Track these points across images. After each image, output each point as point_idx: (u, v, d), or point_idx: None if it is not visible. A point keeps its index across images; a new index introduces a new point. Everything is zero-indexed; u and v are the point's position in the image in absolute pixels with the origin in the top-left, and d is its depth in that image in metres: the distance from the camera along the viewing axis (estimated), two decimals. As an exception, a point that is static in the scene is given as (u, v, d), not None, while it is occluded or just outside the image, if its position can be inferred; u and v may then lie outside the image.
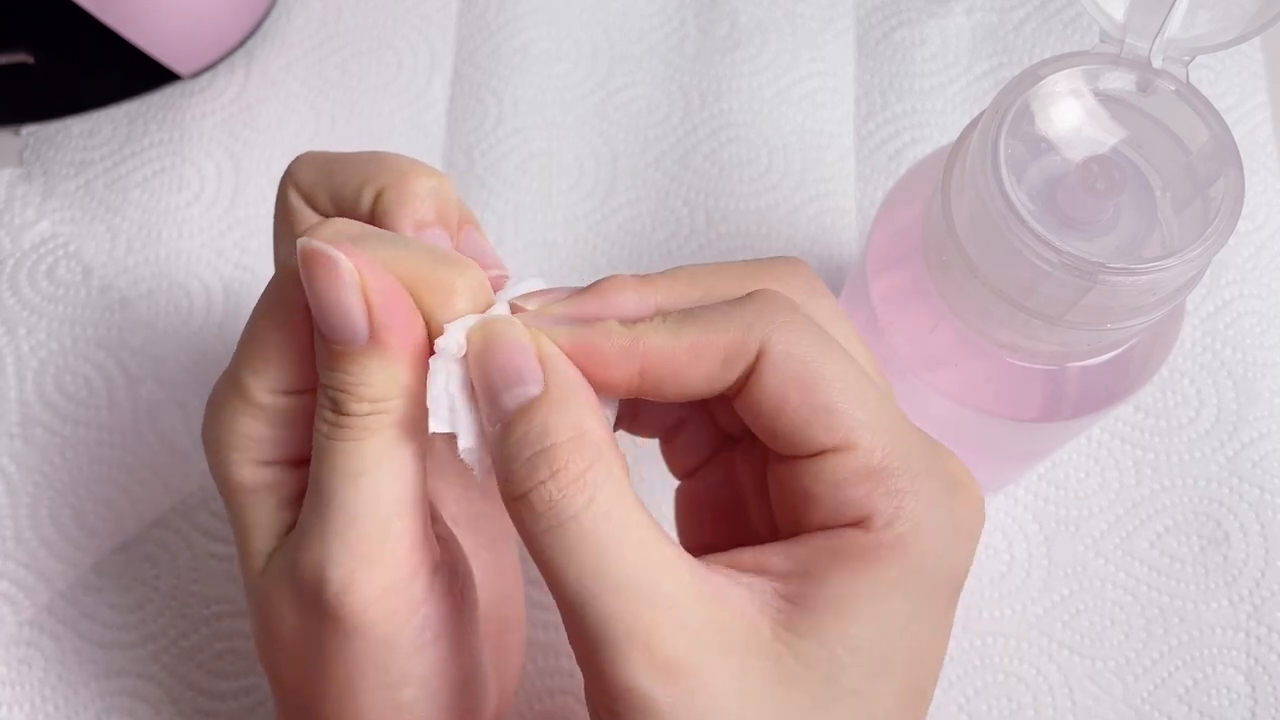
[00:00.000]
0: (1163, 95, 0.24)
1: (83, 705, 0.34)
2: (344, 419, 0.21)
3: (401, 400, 0.22)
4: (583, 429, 0.20)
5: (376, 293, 0.21)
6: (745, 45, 0.42)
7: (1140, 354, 0.27)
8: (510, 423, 0.21)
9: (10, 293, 0.39)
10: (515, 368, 0.21)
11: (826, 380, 0.21)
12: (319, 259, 0.21)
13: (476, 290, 0.22)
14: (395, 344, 0.21)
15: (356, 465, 0.21)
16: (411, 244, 0.22)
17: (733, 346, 0.21)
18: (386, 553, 0.22)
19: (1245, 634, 0.34)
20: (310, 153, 0.26)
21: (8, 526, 0.36)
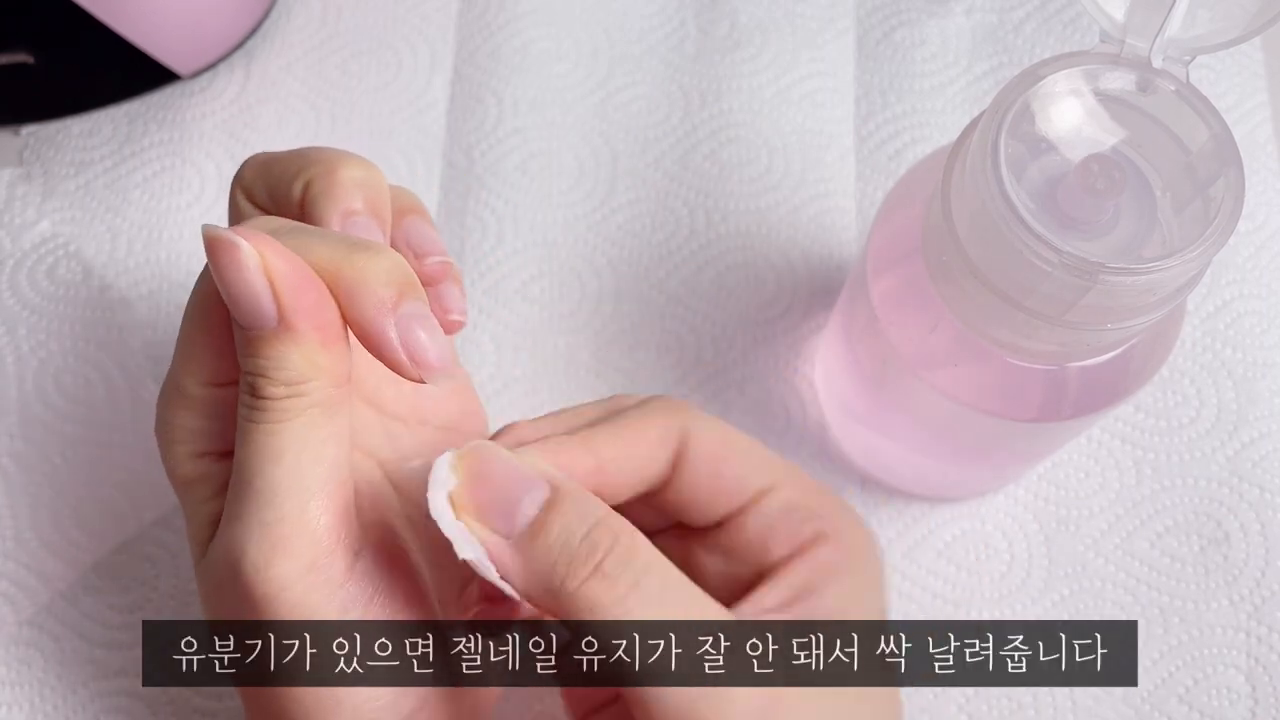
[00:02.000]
0: (1163, 95, 0.24)
1: (82, 705, 0.34)
2: (261, 402, 0.22)
3: (319, 382, 0.22)
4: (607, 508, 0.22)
5: (281, 275, 0.21)
6: (745, 45, 0.42)
7: (1140, 354, 0.27)
8: (541, 524, 0.22)
9: (10, 293, 0.39)
10: (522, 478, 0.22)
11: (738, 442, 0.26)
12: (221, 244, 0.21)
13: (393, 273, 0.22)
14: (305, 326, 0.22)
15: (274, 447, 0.22)
16: (325, 234, 0.23)
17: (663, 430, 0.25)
18: (304, 533, 0.22)
19: (1245, 634, 0.34)
20: (257, 154, 0.27)
21: (8, 526, 0.36)
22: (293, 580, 0.22)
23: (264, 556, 0.22)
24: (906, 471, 0.35)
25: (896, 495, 0.36)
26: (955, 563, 0.35)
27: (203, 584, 0.24)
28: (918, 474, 0.35)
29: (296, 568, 0.22)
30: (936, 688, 0.34)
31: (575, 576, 0.21)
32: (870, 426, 0.34)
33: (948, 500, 0.36)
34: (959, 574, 0.35)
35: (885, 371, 0.30)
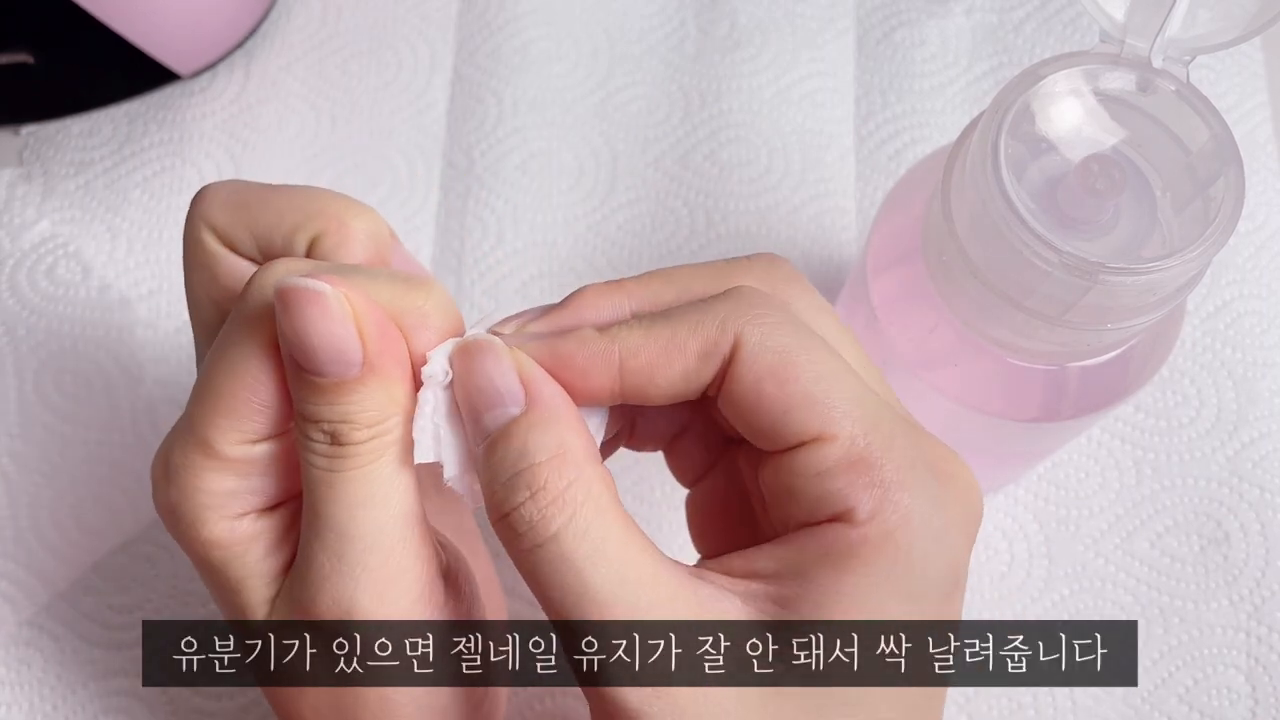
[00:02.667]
0: (1163, 95, 0.24)
1: (81, 705, 0.34)
2: (345, 449, 0.21)
3: (398, 418, 0.21)
4: (563, 447, 0.20)
5: (370, 322, 0.21)
6: (745, 45, 0.42)
7: (1140, 354, 0.27)
8: (492, 443, 0.21)
9: (10, 293, 0.39)
10: (496, 388, 0.21)
11: (802, 370, 0.21)
12: (305, 296, 0.20)
13: (446, 309, 0.22)
14: (390, 367, 0.21)
15: (365, 493, 0.21)
16: (372, 271, 0.22)
17: (707, 341, 0.21)
18: (410, 569, 0.22)
19: (1245, 634, 0.34)
20: (216, 187, 0.25)
21: (8, 526, 0.36)
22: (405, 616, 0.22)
23: (376, 600, 0.21)
24: (906, 471, 0.35)
25: (896, 495, 0.36)
26: (955, 563, 0.35)
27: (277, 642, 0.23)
28: (918, 474, 0.35)
29: (409, 603, 0.22)
30: (936, 688, 0.34)
31: (496, 509, 0.20)
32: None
33: (948, 500, 0.36)
34: (959, 574, 0.35)
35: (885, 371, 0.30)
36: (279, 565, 0.23)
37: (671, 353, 0.21)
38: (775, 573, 0.21)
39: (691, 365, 0.21)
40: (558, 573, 0.20)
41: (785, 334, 0.21)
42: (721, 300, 0.21)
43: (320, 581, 0.22)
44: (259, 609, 0.23)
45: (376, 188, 0.40)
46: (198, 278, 0.24)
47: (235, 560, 0.23)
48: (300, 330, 0.20)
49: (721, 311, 0.21)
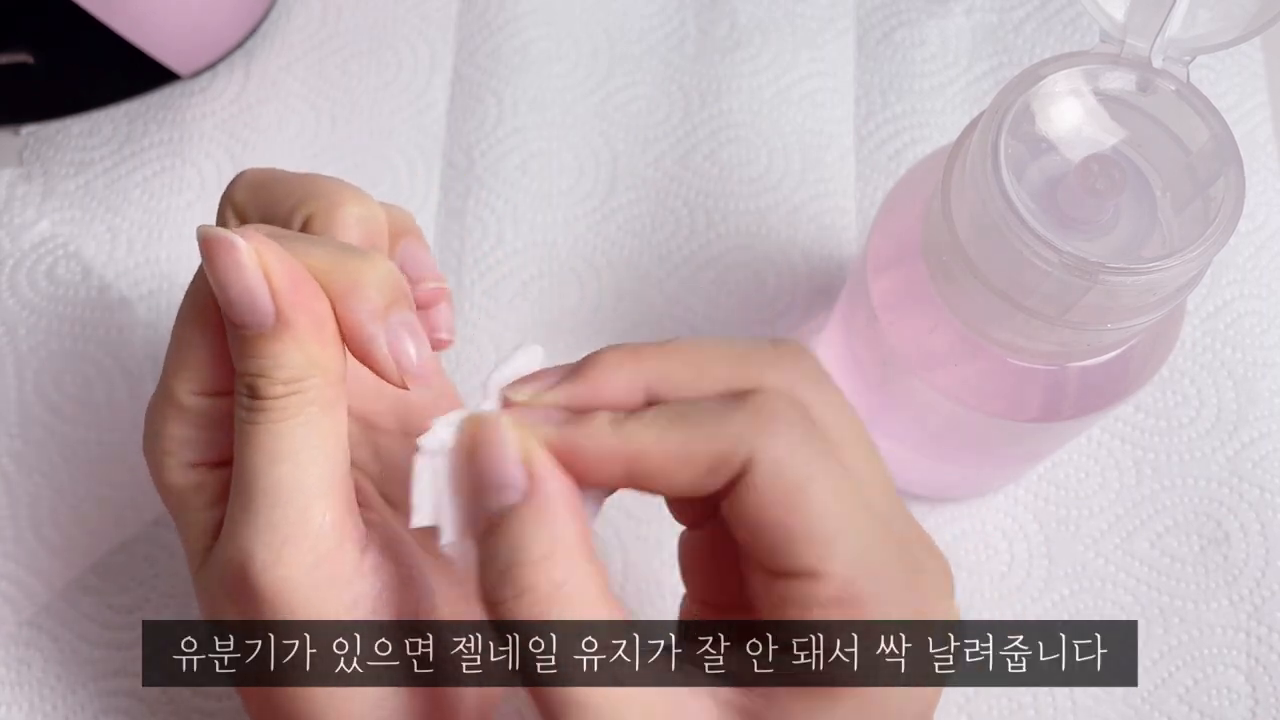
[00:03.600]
0: (1163, 95, 0.24)
1: (81, 705, 0.34)
2: (261, 402, 0.22)
3: (317, 379, 0.22)
4: (556, 546, 0.20)
5: (278, 273, 0.21)
6: (745, 45, 0.42)
7: (1140, 354, 0.27)
8: (489, 528, 0.21)
9: (10, 293, 0.39)
10: (498, 473, 0.21)
11: (809, 504, 0.20)
12: (218, 243, 0.21)
13: (385, 281, 0.22)
14: (304, 322, 0.22)
15: (276, 447, 0.22)
16: (321, 240, 0.23)
17: (720, 456, 0.21)
18: (310, 531, 0.22)
19: (1245, 634, 0.34)
20: (248, 171, 0.26)
21: (8, 526, 0.36)
22: (300, 578, 0.22)
23: (272, 555, 0.22)
24: (907, 471, 0.35)
25: (896, 495, 0.36)
26: (955, 563, 0.35)
27: (205, 590, 0.24)
28: (918, 474, 0.35)
29: (304, 565, 0.22)
30: (936, 688, 0.34)
31: (485, 596, 0.20)
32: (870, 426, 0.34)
33: (948, 500, 0.36)
34: (959, 574, 0.35)
35: (885, 371, 0.30)
36: (216, 519, 0.24)
37: (682, 461, 0.21)
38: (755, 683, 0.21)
39: (700, 476, 0.21)
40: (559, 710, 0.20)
41: (800, 461, 0.21)
42: (739, 411, 0.21)
43: (231, 529, 0.22)
44: (198, 558, 0.24)
45: (376, 188, 0.40)
46: None
47: (183, 507, 0.24)
48: (216, 278, 0.21)
49: (738, 424, 0.21)
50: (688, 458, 0.21)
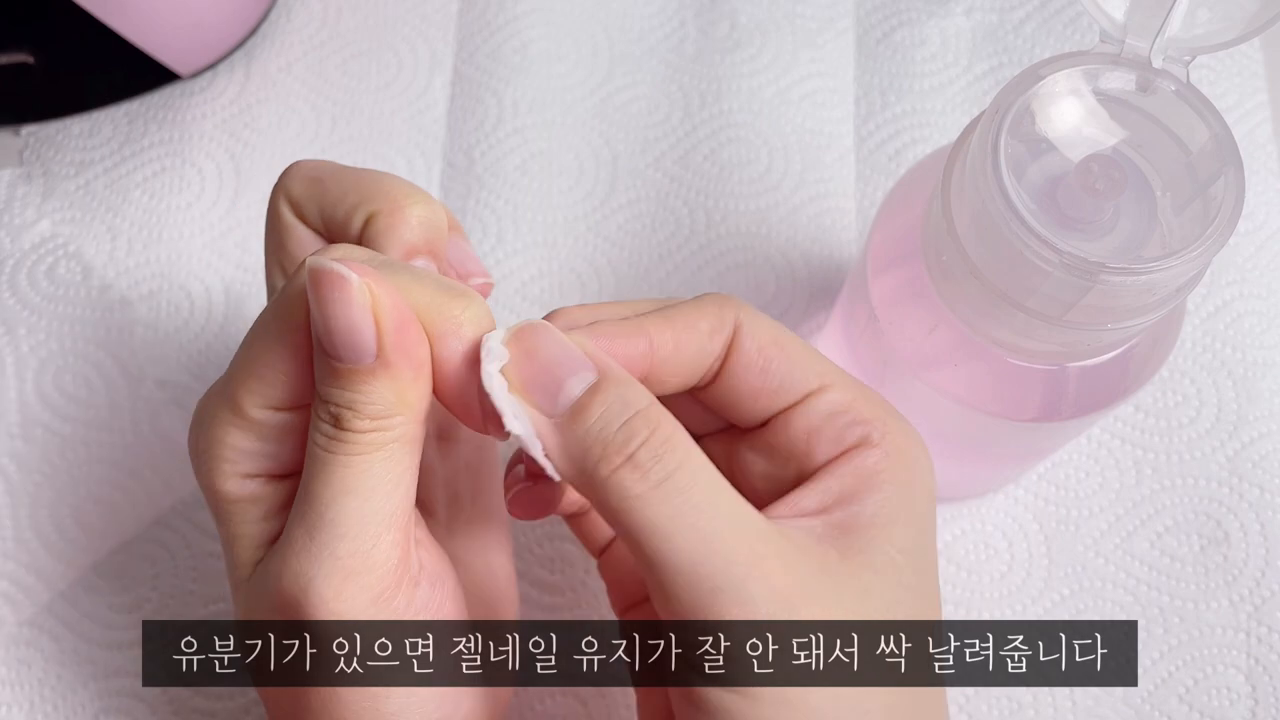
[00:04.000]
0: (1163, 95, 0.24)
1: (81, 705, 0.34)
2: (344, 434, 0.22)
3: (404, 418, 0.22)
4: (653, 398, 0.22)
5: (387, 314, 0.21)
6: (745, 45, 0.42)
7: (1140, 354, 0.27)
8: (583, 406, 0.22)
9: (10, 293, 0.39)
10: (569, 359, 0.22)
11: (792, 341, 0.25)
12: (330, 279, 0.21)
13: (480, 321, 0.22)
14: (404, 365, 0.22)
15: (353, 481, 0.22)
16: (419, 273, 0.22)
17: (715, 320, 0.24)
18: (374, 568, 0.22)
19: (1245, 634, 0.34)
20: (303, 163, 0.26)
21: (8, 526, 0.36)
22: (358, 613, 0.22)
23: (333, 589, 0.22)
24: (906, 471, 0.35)
25: (896, 495, 0.36)
26: (955, 563, 0.35)
27: (249, 602, 0.23)
28: (918, 474, 0.35)
29: (363, 602, 0.22)
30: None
31: (609, 463, 0.21)
32: (870, 426, 0.34)
33: (948, 500, 0.36)
34: (959, 574, 0.35)
35: (885, 371, 0.30)
36: (270, 532, 0.23)
37: (689, 332, 0.24)
38: (822, 506, 0.23)
39: (705, 342, 0.24)
40: (686, 507, 0.21)
41: (767, 318, 0.25)
42: (710, 296, 0.25)
43: (289, 555, 0.22)
44: (244, 569, 0.24)
45: (376, 188, 0.40)
46: (271, 244, 0.26)
47: (235, 516, 0.24)
48: (322, 311, 0.21)
49: (715, 301, 0.25)
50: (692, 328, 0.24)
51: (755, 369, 0.24)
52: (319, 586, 0.21)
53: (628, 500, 0.21)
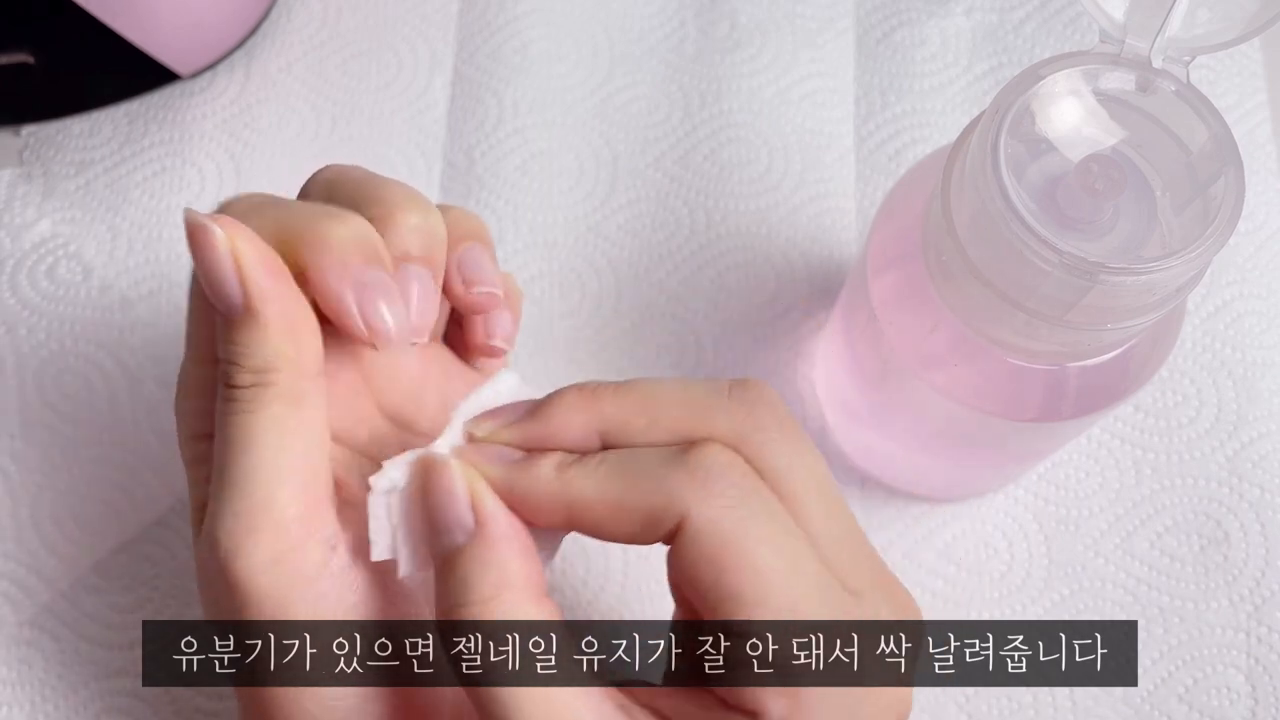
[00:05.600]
0: (1163, 95, 0.24)
1: (82, 705, 0.34)
2: (232, 391, 0.22)
3: (285, 373, 0.22)
4: (501, 587, 0.21)
5: (248, 259, 0.22)
6: (745, 45, 0.42)
7: (1140, 354, 0.27)
8: (440, 566, 0.22)
9: (10, 293, 0.39)
10: (447, 515, 0.22)
11: (740, 564, 0.20)
12: (196, 231, 0.22)
13: (354, 239, 0.22)
14: (271, 314, 0.22)
15: (243, 437, 0.22)
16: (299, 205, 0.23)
17: (653, 513, 0.21)
18: (270, 524, 0.22)
19: (1245, 634, 0.34)
20: (333, 168, 0.26)
21: (8, 526, 0.36)
22: (260, 570, 0.22)
23: (234, 544, 0.22)
24: (906, 471, 0.35)
25: (896, 495, 0.36)
26: (955, 563, 0.35)
27: (197, 566, 0.24)
28: (918, 474, 0.35)
29: (264, 558, 0.22)
30: (936, 688, 0.34)
31: (439, 632, 0.21)
32: (870, 426, 0.34)
33: (948, 500, 0.36)
34: (959, 574, 0.35)
35: (885, 371, 0.30)
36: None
37: (618, 514, 0.21)
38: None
39: (635, 530, 0.21)
40: (482, 708, 0.21)
41: (734, 519, 0.21)
42: (677, 469, 0.21)
43: (206, 519, 0.23)
44: (194, 530, 0.24)
45: (377, 188, 0.40)
46: None
47: (190, 479, 0.24)
48: (195, 262, 0.22)
49: (675, 481, 0.21)
50: (624, 512, 0.21)
51: (684, 575, 0.21)
52: (223, 542, 0.22)
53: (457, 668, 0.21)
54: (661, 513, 0.21)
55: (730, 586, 0.20)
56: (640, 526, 0.21)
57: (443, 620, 0.21)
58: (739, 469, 0.21)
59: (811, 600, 0.21)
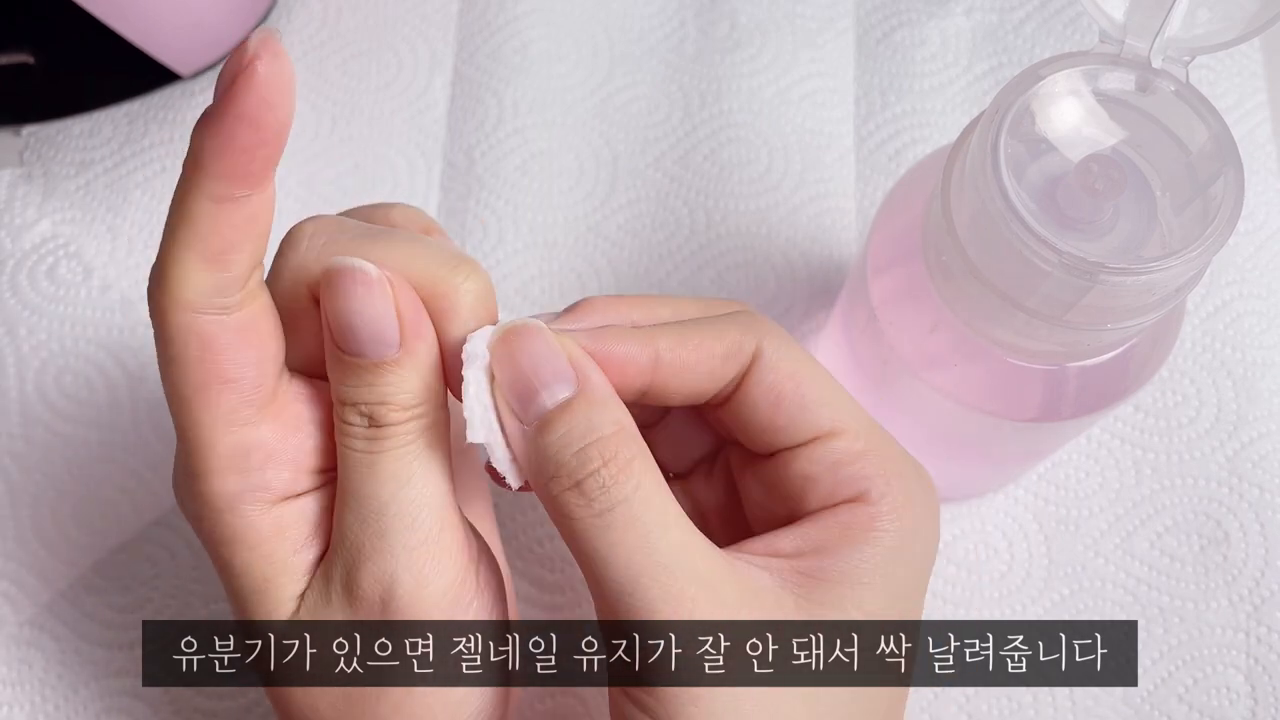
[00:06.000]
0: (1163, 95, 0.24)
1: (82, 705, 0.34)
2: (385, 430, 0.22)
3: (432, 404, 0.22)
4: (622, 423, 0.22)
5: (407, 303, 0.21)
6: (745, 45, 0.42)
7: (1140, 354, 0.27)
8: (549, 421, 0.21)
9: (10, 293, 0.39)
10: (550, 369, 0.22)
11: (814, 378, 0.24)
12: (350, 274, 0.21)
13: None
14: (423, 351, 0.22)
15: (405, 473, 0.22)
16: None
17: (733, 345, 0.23)
18: (447, 550, 0.22)
19: (1245, 634, 0.34)
20: (310, 222, 0.24)
21: (8, 526, 0.36)
22: (441, 597, 0.22)
23: (416, 579, 0.22)
24: (906, 471, 0.35)
25: (896, 495, 0.36)
26: (955, 563, 0.35)
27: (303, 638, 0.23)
28: (918, 474, 0.35)
29: (445, 585, 0.22)
30: (936, 688, 0.34)
31: (559, 483, 0.21)
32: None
33: (948, 500, 0.36)
34: (959, 574, 0.35)
35: (885, 371, 0.30)
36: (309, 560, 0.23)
37: (701, 353, 0.23)
38: (798, 550, 0.23)
39: (717, 366, 0.23)
40: (627, 535, 0.21)
41: (796, 349, 0.24)
42: (739, 315, 0.24)
43: (362, 561, 0.22)
44: (284, 605, 0.23)
45: (376, 188, 0.40)
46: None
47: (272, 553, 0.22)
48: (346, 308, 0.21)
49: (741, 322, 0.24)
50: (706, 350, 0.23)
51: (767, 402, 0.24)
52: (404, 581, 0.22)
53: (571, 522, 0.21)
54: (740, 345, 0.23)
55: (812, 393, 0.23)
56: (720, 361, 0.23)
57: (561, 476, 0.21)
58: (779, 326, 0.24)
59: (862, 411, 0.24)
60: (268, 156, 0.20)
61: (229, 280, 0.21)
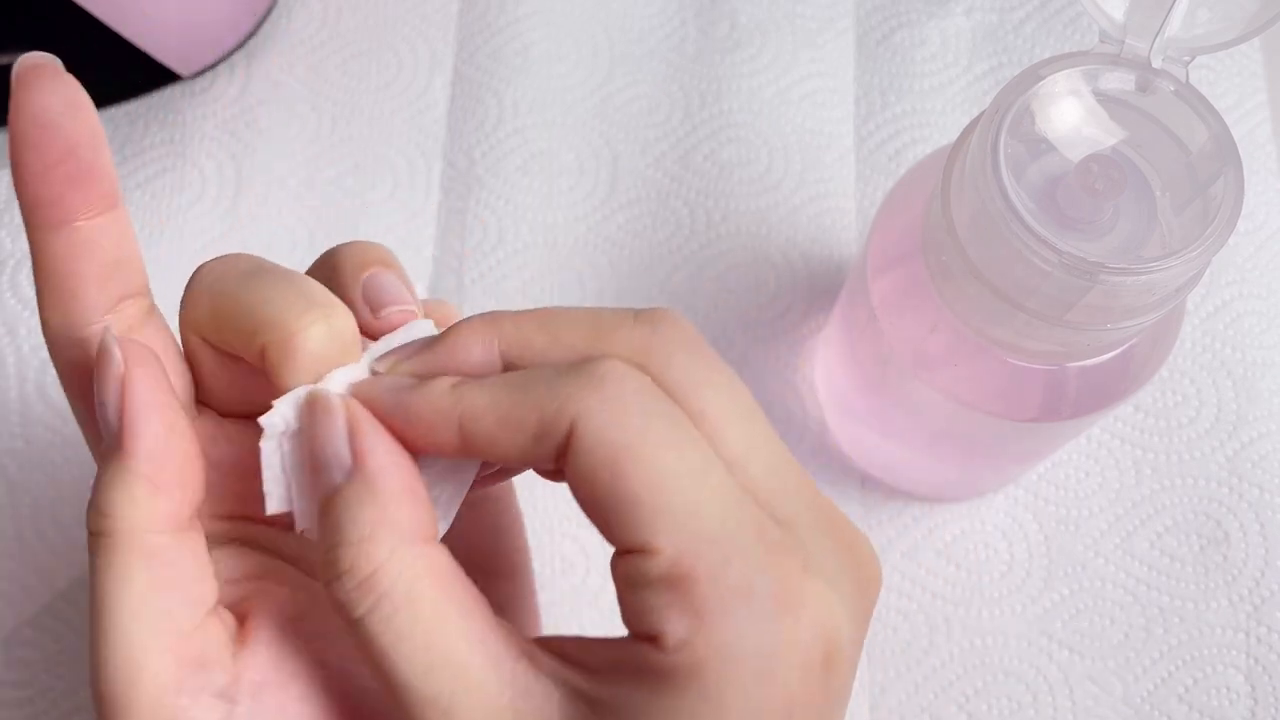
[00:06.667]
0: (1162, 95, 0.24)
1: (83, 705, 0.34)
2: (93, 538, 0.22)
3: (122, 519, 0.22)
4: (376, 528, 0.19)
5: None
6: (745, 45, 0.42)
7: (1140, 354, 0.27)
8: (319, 509, 0.20)
9: (11, 293, 0.39)
10: (325, 454, 0.20)
11: (637, 473, 0.19)
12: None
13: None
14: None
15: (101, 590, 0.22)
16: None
17: (544, 423, 0.19)
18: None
19: (1245, 634, 0.34)
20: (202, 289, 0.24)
21: (8, 526, 0.36)
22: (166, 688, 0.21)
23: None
24: (906, 471, 0.35)
25: (896, 495, 0.36)
26: (955, 563, 0.35)
27: None
28: (917, 474, 0.35)
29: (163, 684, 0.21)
30: (936, 688, 0.34)
31: (321, 576, 0.20)
32: (870, 426, 0.34)
33: (948, 500, 0.36)
34: (959, 574, 0.35)
35: (885, 371, 0.30)
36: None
37: (510, 427, 0.20)
38: (599, 670, 0.20)
39: (527, 443, 0.19)
40: (368, 654, 0.19)
41: (629, 424, 0.19)
42: (571, 376, 0.19)
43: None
44: None
45: (376, 188, 0.40)
46: None
47: None
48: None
49: (565, 390, 0.19)
50: (516, 422, 0.19)
51: (581, 491, 0.19)
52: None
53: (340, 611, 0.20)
54: (553, 419, 0.19)
55: (626, 492, 0.19)
56: (531, 438, 0.19)
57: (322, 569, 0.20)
58: (637, 378, 0.19)
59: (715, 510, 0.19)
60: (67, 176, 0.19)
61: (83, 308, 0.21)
